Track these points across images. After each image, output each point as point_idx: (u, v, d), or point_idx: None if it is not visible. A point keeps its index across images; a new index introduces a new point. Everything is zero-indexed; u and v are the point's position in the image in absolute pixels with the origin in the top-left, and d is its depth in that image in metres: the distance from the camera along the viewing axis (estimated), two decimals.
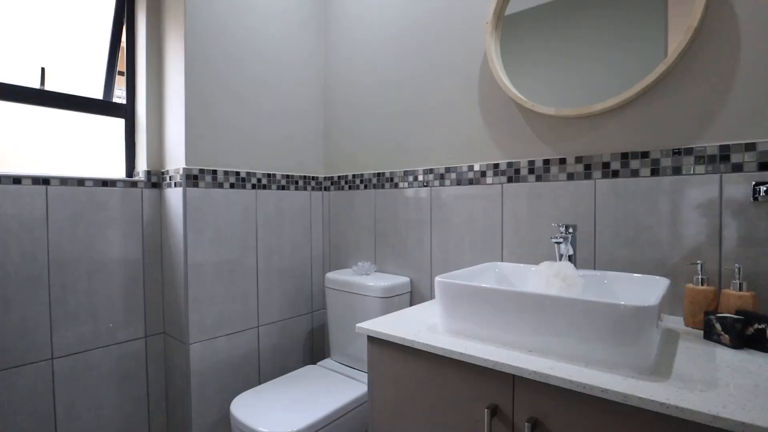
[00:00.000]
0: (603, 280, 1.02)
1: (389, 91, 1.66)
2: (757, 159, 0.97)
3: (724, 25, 1.00)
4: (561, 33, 1.22)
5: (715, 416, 0.58)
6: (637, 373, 0.71)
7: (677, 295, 1.06)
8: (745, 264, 0.97)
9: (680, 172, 1.06)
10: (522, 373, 0.75)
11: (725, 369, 0.74)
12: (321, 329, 1.93)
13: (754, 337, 0.83)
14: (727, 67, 1.00)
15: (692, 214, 1.04)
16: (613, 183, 1.15)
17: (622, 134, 1.14)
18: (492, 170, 1.37)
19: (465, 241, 1.44)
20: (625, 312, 0.70)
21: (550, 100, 1.23)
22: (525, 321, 0.82)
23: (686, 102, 1.05)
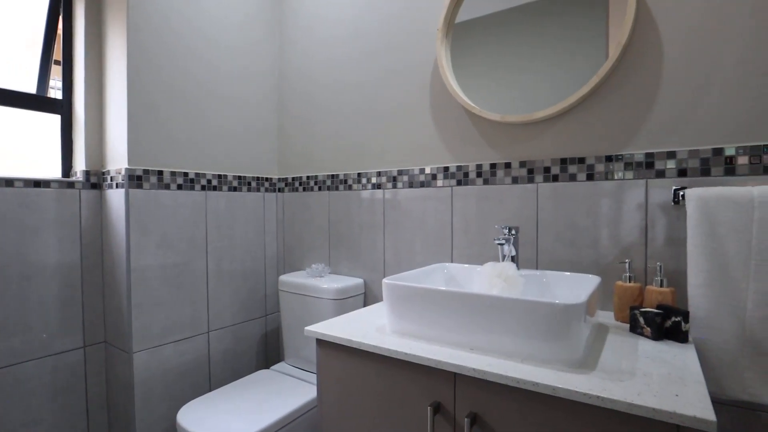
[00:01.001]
0: (542, 279, 1.08)
1: (344, 93, 1.66)
2: (676, 166, 1.05)
3: (649, 42, 1.08)
4: (508, 42, 1.27)
5: (630, 404, 0.63)
6: (567, 367, 0.76)
7: (609, 291, 1.13)
8: (667, 262, 1.06)
9: (612, 177, 1.13)
10: (462, 371, 0.78)
11: (645, 359, 0.80)
12: (275, 333, 1.91)
13: (671, 329, 0.90)
14: (651, 81, 1.08)
15: (623, 217, 1.12)
16: (553, 187, 1.21)
17: (561, 141, 1.21)
18: (442, 173, 1.41)
19: (417, 243, 1.47)
20: (555, 310, 0.75)
21: (497, 106, 1.28)
22: (466, 320, 0.85)
23: (617, 112, 1.13)
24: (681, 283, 1.03)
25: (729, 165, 1.00)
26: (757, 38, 0.97)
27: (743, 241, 0.88)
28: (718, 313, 0.90)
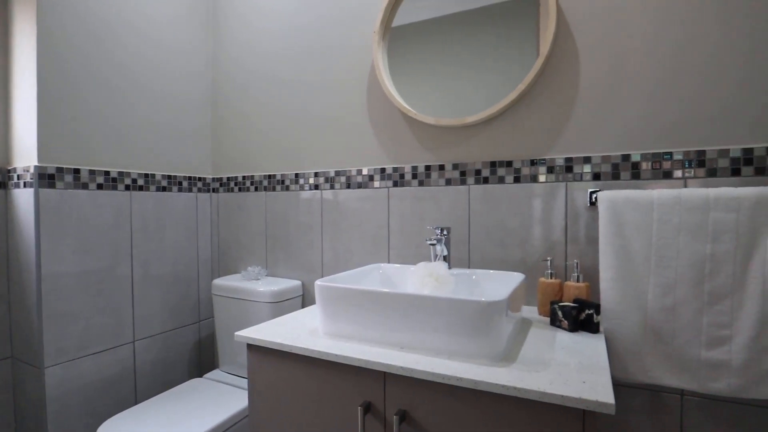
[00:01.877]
0: (472, 277, 1.12)
1: (283, 92, 1.63)
2: (592, 170, 1.14)
3: (568, 55, 1.16)
4: (444, 48, 1.31)
5: (542, 392, 0.67)
6: (490, 361, 0.79)
7: (535, 287, 1.20)
8: (584, 259, 1.14)
9: (537, 180, 1.20)
10: (391, 369, 0.80)
11: (560, 350, 0.85)
12: (210, 339, 1.83)
13: (585, 321, 0.97)
14: (570, 91, 1.16)
15: (546, 217, 1.19)
16: (484, 189, 1.27)
17: (491, 144, 1.26)
18: (379, 174, 1.43)
19: (355, 243, 1.47)
20: (478, 307, 0.78)
21: (432, 110, 1.32)
22: (395, 320, 0.86)
23: (540, 119, 1.20)
24: (595, 278, 1.12)
25: (635, 170, 1.10)
26: (661, 56, 1.07)
27: (645, 239, 0.97)
28: (624, 305, 0.98)
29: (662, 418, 1.08)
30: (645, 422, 1.09)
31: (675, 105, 1.06)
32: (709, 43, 1.03)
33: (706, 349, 0.93)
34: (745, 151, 1.00)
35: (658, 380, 0.98)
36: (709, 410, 1.04)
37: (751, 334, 0.88)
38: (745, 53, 1.00)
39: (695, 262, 0.93)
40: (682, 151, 1.05)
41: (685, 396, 1.06)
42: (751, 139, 1.00)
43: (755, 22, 0.99)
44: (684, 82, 1.05)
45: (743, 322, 0.89)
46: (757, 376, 0.89)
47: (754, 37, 0.99)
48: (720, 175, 1.02)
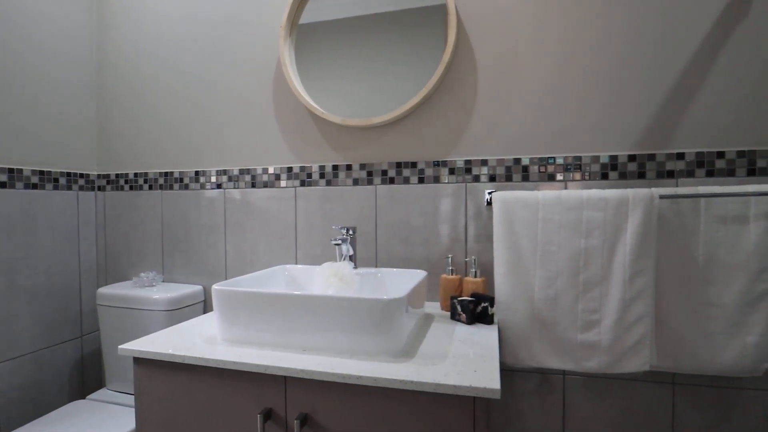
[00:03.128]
0: (377, 275, 1.14)
1: (182, 84, 1.52)
2: (488, 172, 1.22)
3: (467, 64, 1.23)
4: (354, 48, 1.31)
5: (437, 384, 0.70)
6: (390, 357, 0.81)
7: (437, 284, 1.25)
8: (481, 255, 1.21)
9: (439, 181, 1.26)
10: (292, 373, 0.78)
11: (458, 343, 0.90)
12: (95, 355, 1.64)
13: (482, 313, 1.04)
14: (469, 97, 1.23)
15: (448, 216, 1.25)
16: (390, 189, 1.29)
17: (397, 146, 1.29)
18: (286, 174, 1.39)
19: (261, 245, 1.42)
20: (378, 305, 0.79)
21: (341, 109, 1.31)
22: (296, 322, 0.85)
23: (442, 122, 1.25)
24: (492, 273, 1.20)
25: (525, 173, 1.20)
26: (546, 73, 1.18)
27: (532, 236, 1.06)
28: (515, 297, 1.07)
29: (549, 397, 1.19)
30: (536, 402, 1.20)
31: (557, 116, 1.17)
32: (585, 64, 1.15)
33: (581, 333, 1.04)
34: (611, 157, 1.14)
35: (543, 363, 1.07)
36: (586, 386, 1.17)
37: (615, 317, 1.01)
38: (614, 74, 1.14)
39: (573, 255, 1.04)
40: (563, 157, 1.17)
41: (566, 376, 1.18)
42: (617, 148, 1.14)
43: (624, 47, 1.13)
44: (565, 96, 1.17)
45: (609, 307, 1.02)
46: (620, 354, 1.02)
47: (623, 59, 1.13)
48: (592, 179, 1.15)
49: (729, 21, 1.08)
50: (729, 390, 1.10)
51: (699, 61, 1.10)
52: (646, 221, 0.99)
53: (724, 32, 1.08)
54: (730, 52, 1.08)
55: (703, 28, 1.09)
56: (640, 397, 1.14)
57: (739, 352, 1.01)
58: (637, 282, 1.00)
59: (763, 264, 0.99)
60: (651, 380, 1.14)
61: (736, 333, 1.01)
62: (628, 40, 1.13)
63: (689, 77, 1.10)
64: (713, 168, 1.10)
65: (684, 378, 1.12)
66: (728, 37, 1.08)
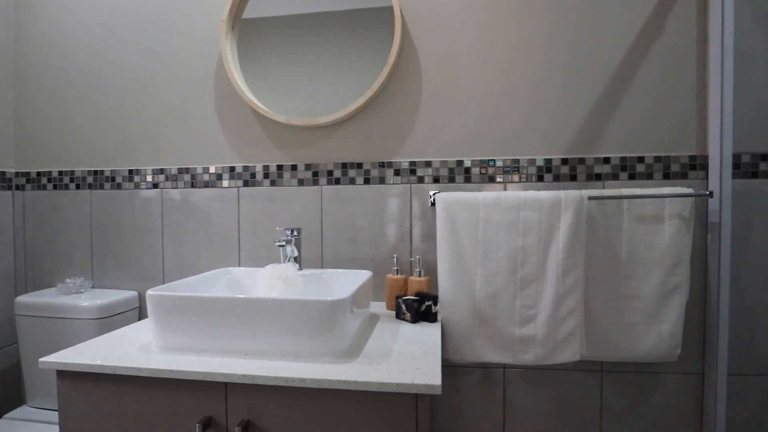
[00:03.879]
0: (322, 276, 1.13)
1: (115, 77, 1.42)
2: (432, 174, 1.25)
3: (412, 68, 1.25)
4: (300, 47, 1.29)
5: (381, 383, 0.71)
6: (335, 358, 0.81)
7: (383, 283, 1.26)
8: (425, 255, 1.24)
9: (385, 182, 1.27)
10: (232, 379, 0.75)
11: (402, 341, 0.92)
12: (13, 370, 1.50)
13: (425, 312, 1.06)
14: (413, 100, 1.26)
15: (393, 217, 1.26)
16: (336, 189, 1.29)
17: (342, 146, 1.29)
18: (228, 173, 1.34)
19: (202, 247, 1.36)
20: (322, 307, 0.79)
21: (287, 108, 1.29)
22: (238, 326, 0.82)
23: (388, 124, 1.27)
24: (435, 272, 1.23)
25: (467, 174, 1.24)
26: (487, 79, 1.22)
27: (473, 236, 1.10)
28: (457, 295, 1.10)
29: (491, 390, 1.24)
30: (479, 396, 1.24)
31: (498, 120, 1.23)
32: (524, 73, 1.21)
33: (519, 327, 1.09)
34: (546, 161, 1.21)
35: (484, 358, 1.12)
36: (524, 378, 1.23)
37: (550, 311, 1.07)
38: (549, 82, 1.21)
39: (511, 254, 1.09)
40: (503, 159, 1.22)
41: (506, 369, 1.24)
42: (552, 152, 1.21)
43: (557, 58, 1.20)
44: (504, 101, 1.22)
45: (544, 303, 1.08)
46: (554, 346, 1.08)
47: (557, 69, 1.20)
48: (529, 181, 1.22)
49: (647, 38, 1.18)
50: (649, 375, 1.20)
51: (622, 74, 1.19)
52: (576, 221, 1.06)
53: (644, 47, 1.18)
54: (649, 66, 1.18)
55: (626, 44, 1.18)
56: (572, 386, 1.22)
57: (656, 340, 1.10)
58: (568, 278, 1.06)
59: (676, 259, 1.09)
60: (582, 369, 1.22)
61: (653, 323, 1.10)
62: (560, 51, 1.20)
63: (614, 88, 1.19)
64: (635, 172, 1.19)
65: (610, 366, 1.21)
66: (647, 52, 1.18)
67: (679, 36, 1.17)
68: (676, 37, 1.17)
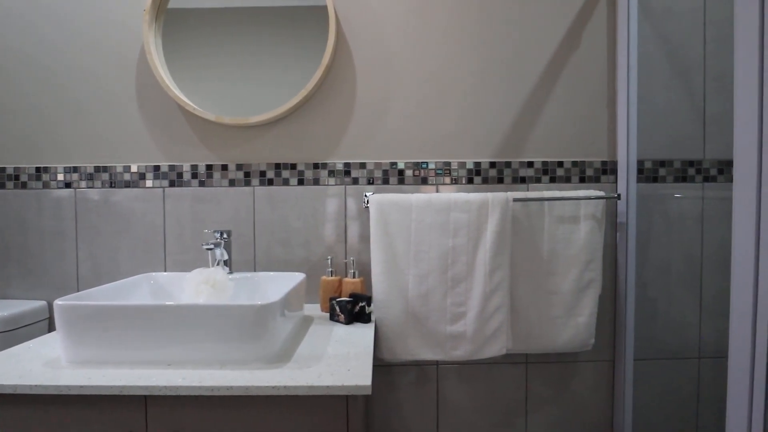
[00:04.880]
0: (254, 280, 1.10)
1: (15, 63, 1.28)
2: (366, 175, 1.26)
3: (347, 69, 1.26)
4: (233, 42, 1.24)
5: (310, 386, 0.71)
6: (265, 364, 0.79)
7: (318, 285, 1.25)
8: (360, 256, 1.25)
9: (319, 183, 1.26)
10: (153, 391, 0.71)
11: (335, 343, 0.92)
12: None
13: (359, 313, 1.07)
14: (348, 101, 1.26)
15: (328, 218, 1.26)
16: (268, 190, 1.26)
17: (275, 146, 1.26)
18: (152, 173, 1.27)
19: (122, 252, 1.27)
20: (250, 311, 0.77)
21: (217, 106, 1.23)
22: (159, 335, 0.78)
23: (323, 125, 1.26)
24: (369, 273, 1.23)
25: (401, 176, 1.26)
26: (418, 83, 1.25)
27: (405, 237, 1.13)
28: (391, 295, 1.12)
29: (425, 387, 1.27)
30: (414, 393, 1.27)
31: (430, 124, 1.26)
32: (455, 78, 1.26)
33: (450, 325, 1.13)
34: (476, 164, 1.27)
35: (418, 356, 1.15)
36: (456, 374, 1.28)
37: (478, 308, 1.12)
38: (479, 89, 1.26)
39: (442, 254, 1.13)
40: (435, 162, 1.26)
41: (439, 366, 1.28)
42: (481, 155, 1.27)
43: (487, 66, 1.26)
44: (437, 106, 1.26)
45: (473, 300, 1.13)
46: (482, 342, 1.13)
47: (486, 77, 1.26)
48: (459, 183, 1.26)
49: (565, 51, 1.27)
50: (568, 364, 1.30)
51: (544, 83, 1.27)
52: (502, 222, 1.12)
53: (563, 60, 1.27)
54: (567, 77, 1.27)
55: (547, 55, 1.27)
56: (500, 378, 1.29)
57: (574, 331, 1.19)
58: (495, 276, 1.12)
59: (590, 256, 1.19)
60: (509, 362, 1.29)
61: (571, 315, 1.19)
62: (490, 61, 1.26)
63: (537, 97, 1.27)
64: (555, 175, 1.28)
65: (534, 357, 1.29)
66: (565, 64, 1.27)
67: (592, 50, 1.28)
68: (590, 51, 1.28)
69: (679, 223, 1.29)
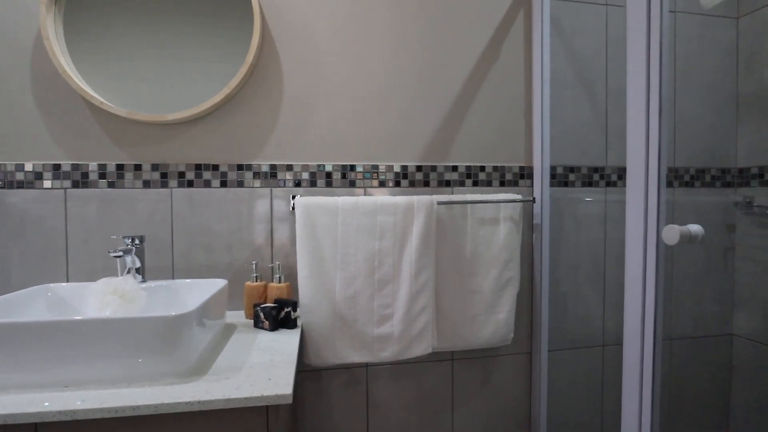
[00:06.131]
0: (171, 288, 1.04)
1: None
2: (293, 177, 1.23)
3: (273, 69, 1.22)
4: (147, 32, 1.15)
5: (227, 399, 0.68)
6: (178, 379, 0.75)
7: (242, 292, 1.21)
8: (287, 260, 1.22)
9: (244, 185, 1.21)
10: (45, 417, 0.64)
11: (257, 351, 0.89)
12: None
13: (285, 318, 1.04)
14: (275, 102, 1.22)
15: (253, 221, 1.21)
16: (188, 192, 1.19)
17: (196, 146, 1.20)
18: (52, 172, 1.14)
19: (14, 260, 1.13)
20: (162, 323, 0.72)
21: (132, 101, 1.14)
22: (56, 354, 0.70)
23: (247, 125, 1.21)
24: (294, 278, 1.21)
25: (329, 179, 1.25)
26: (346, 87, 1.25)
27: (332, 240, 1.12)
28: (318, 299, 1.11)
29: (356, 389, 1.28)
30: (344, 397, 1.27)
31: (358, 127, 1.26)
32: (383, 83, 1.27)
33: (377, 327, 1.14)
34: (403, 167, 1.29)
35: (346, 359, 1.14)
36: (386, 374, 1.29)
37: (404, 309, 1.14)
38: (407, 93, 1.28)
39: (369, 256, 1.13)
40: (363, 165, 1.27)
41: (369, 367, 1.28)
42: (408, 159, 1.29)
43: (415, 72, 1.28)
44: (365, 109, 1.27)
45: (400, 301, 1.15)
46: (408, 342, 1.16)
47: (414, 82, 1.29)
48: (388, 186, 1.28)
49: (487, 61, 1.34)
50: (490, 358, 1.37)
51: (468, 91, 1.33)
52: (427, 224, 1.15)
53: (485, 70, 1.34)
54: (488, 86, 1.34)
55: (470, 65, 1.32)
56: (428, 376, 1.32)
57: (494, 328, 1.26)
58: (421, 277, 1.15)
59: (508, 256, 1.26)
60: (436, 360, 1.33)
61: (491, 312, 1.25)
62: (417, 67, 1.29)
63: (461, 104, 1.32)
64: (478, 179, 1.34)
65: (460, 354, 1.35)
66: (486, 74, 1.34)
67: (511, 62, 1.36)
68: (508, 63, 1.35)
69: (586, 224, 1.41)
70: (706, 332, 1.53)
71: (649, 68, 0.84)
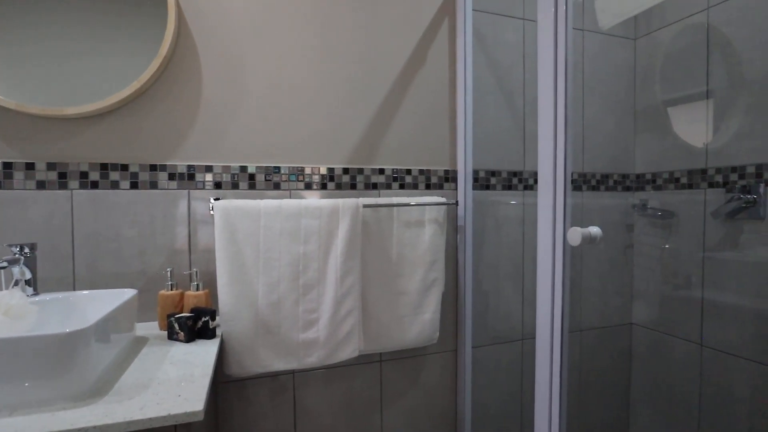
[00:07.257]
0: (69, 301, 0.94)
1: None
2: (213, 179, 1.17)
3: (190, 63, 1.15)
4: (46, 17, 1.03)
5: (129, 422, 0.62)
6: (72, 402, 0.67)
7: (155, 302, 1.12)
8: (206, 267, 1.16)
9: (157, 187, 1.13)
10: None
11: (169, 366, 0.83)
12: None
13: (202, 329, 0.99)
14: (193, 99, 1.16)
15: (169, 226, 1.14)
16: (93, 194, 1.09)
17: (101, 144, 1.10)
18: None
19: None
20: (53, 342, 0.65)
21: (24, 92, 1.01)
22: None
23: (161, 122, 1.13)
24: (214, 285, 1.15)
25: (252, 181, 1.21)
26: (271, 85, 1.21)
27: (254, 245, 1.08)
28: (239, 306, 1.06)
29: (283, 397, 1.24)
30: (271, 406, 1.23)
31: (283, 127, 1.23)
32: (309, 83, 1.25)
33: (302, 332, 1.12)
34: (329, 170, 1.28)
35: (270, 367, 1.11)
36: (313, 380, 1.27)
37: (330, 313, 1.13)
38: (334, 95, 1.27)
39: (293, 261, 1.11)
40: (288, 167, 1.24)
41: (295, 374, 1.26)
42: (335, 161, 1.28)
43: (342, 73, 1.27)
44: (291, 109, 1.24)
45: (325, 306, 1.13)
46: (335, 346, 1.15)
47: (341, 84, 1.27)
48: (314, 188, 1.26)
49: (413, 67, 1.36)
50: (418, 357, 1.40)
51: (395, 95, 1.34)
52: (353, 227, 1.15)
53: (411, 75, 1.36)
54: (415, 91, 1.37)
55: (397, 69, 1.34)
56: (357, 378, 1.32)
57: (420, 328, 1.29)
58: (347, 281, 1.14)
59: (433, 257, 1.29)
60: (364, 362, 1.33)
61: (418, 313, 1.28)
62: (344, 69, 1.28)
63: (388, 107, 1.34)
64: (404, 182, 1.37)
65: (388, 355, 1.36)
66: (413, 79, 1.36)
67: (436, 68, 1.39)
68: (434, 69, 1.39)
69: (506, 226, 1.49)
70: (610, 323, 1.68)
71: (556, 80, 0.91)
